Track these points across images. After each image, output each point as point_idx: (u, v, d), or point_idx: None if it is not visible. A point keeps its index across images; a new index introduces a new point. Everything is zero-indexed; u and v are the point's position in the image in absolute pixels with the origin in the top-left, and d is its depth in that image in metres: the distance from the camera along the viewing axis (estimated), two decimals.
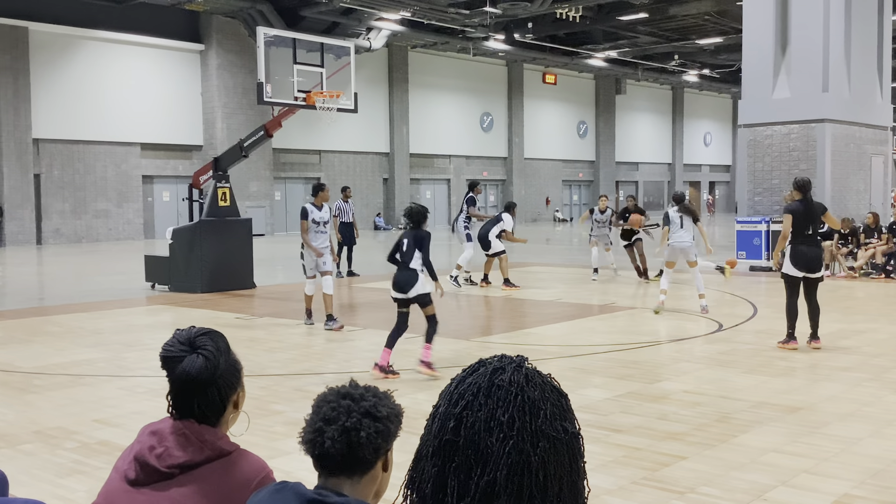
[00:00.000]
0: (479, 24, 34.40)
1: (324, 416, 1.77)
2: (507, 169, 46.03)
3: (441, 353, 9.03)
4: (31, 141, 28.94)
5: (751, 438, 5.74)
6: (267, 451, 5.12)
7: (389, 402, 1.84)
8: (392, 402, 1.85)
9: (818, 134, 18.48)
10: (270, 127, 15.10)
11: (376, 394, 1.83)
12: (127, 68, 31.46)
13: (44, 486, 4.86)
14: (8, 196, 28.41)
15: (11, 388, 7.49)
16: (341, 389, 1.82)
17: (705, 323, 10.88)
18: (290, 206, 36.78)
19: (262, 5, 30.80)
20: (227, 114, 33.30)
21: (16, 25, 28.39)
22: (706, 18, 36.32)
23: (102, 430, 6.12)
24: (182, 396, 2.24)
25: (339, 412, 1.76)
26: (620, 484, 4.85)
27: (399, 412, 1.85)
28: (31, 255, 25.40)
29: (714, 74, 50.36)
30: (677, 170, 57.33)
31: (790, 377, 7.68)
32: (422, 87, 41.21)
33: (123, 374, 8.08)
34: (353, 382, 1.86)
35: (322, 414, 1.78)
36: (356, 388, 1.83)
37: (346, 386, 1.84)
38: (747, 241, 18.30)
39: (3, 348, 9.51)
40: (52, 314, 12.30)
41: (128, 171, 31.76)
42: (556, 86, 48.14)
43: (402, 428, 1.85)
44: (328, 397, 1.81)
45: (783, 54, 19.08)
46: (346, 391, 1.81)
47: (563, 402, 1.24)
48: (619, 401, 6.80)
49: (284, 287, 15.55)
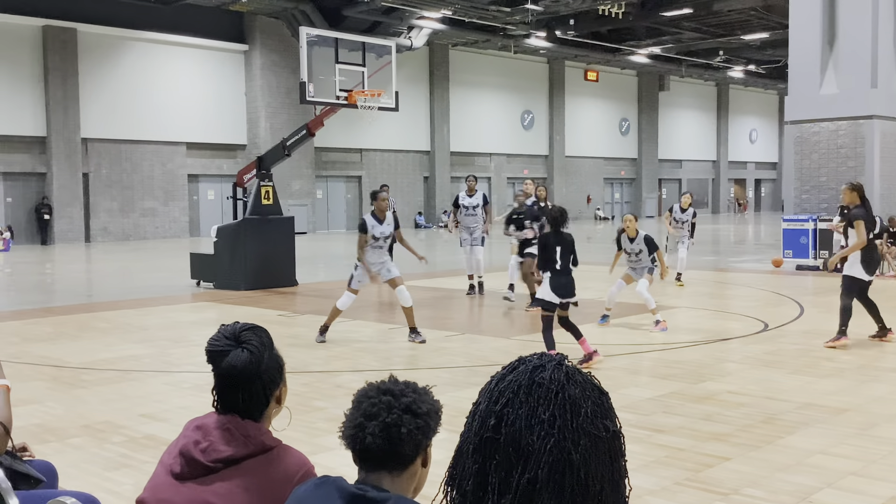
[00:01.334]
0: (521, 21, 34.28)
1: (364, 411, 1.79)
2: (549, 167, 45.83)
3: (481, 352, 9.04)
4: (80, 140, 29.50)
5: (797, 440, 5.65)
6: (308, 447, 5.16)
7: (429, 397, 1.85)
8: (431, 397, 1.86)
9: (866, 130, 18.13)
10: (313, 126, 15.21)
11: (416, 389, 1.84)
12: (173, 69, 31.92)
13: (92, 479, 4.96)
14: (57, 195, 29.00)
15: (61, 383, 7.65)
16: (381, 385, 1.83)
17: (751, 323, 10.73)
18: (331, 204, 37.03)
19: (304, 5, 31.04)
20: (270, 113, 33.62)
21: (65, 27, 28.96)
22: (752, 13, 35.78)
23: (149, 424, 6.22)
24: (227, 390, 2.27)
25: (379, 408, 1.77)
26: (663, 484, 4.80)
27: (438, 408, 1.86)
28: (79, 252, 25.91)
29: (760, 70, 49.62)
30: (722, 167, 56.60)
31: (837, 378, 7.55)
32: (463, 86, 41.19)
33: (169, 370, 8.21)
34: (393, 378, 1.87)
35: (363, 410, 1.79)
36: (396, 384, 1.84)
37: (385, 382, 1.85)
38: (794, 239, 18.01)
39: (53, 344, 9.72)
40: (101, 310, 12.53)
41: (174, 170, 32.23)
42: (597, 83, 47.81)
43: (441, 424, 1.86)
44: (369, 393, 1.82)
45: (831, 49, 18.74)
46: (386, 387, 1.82)
47: (604, 400, 1.23)
48: (662, 401, 6.74)
49: (326, 284, 15.66)
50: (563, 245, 8.00)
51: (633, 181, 51.31)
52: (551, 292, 7.96)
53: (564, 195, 45.84)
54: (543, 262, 8.04)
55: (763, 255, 20.58)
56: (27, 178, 28.99)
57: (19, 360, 8.58)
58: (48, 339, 10.08)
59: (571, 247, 8.06)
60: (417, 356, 8.97)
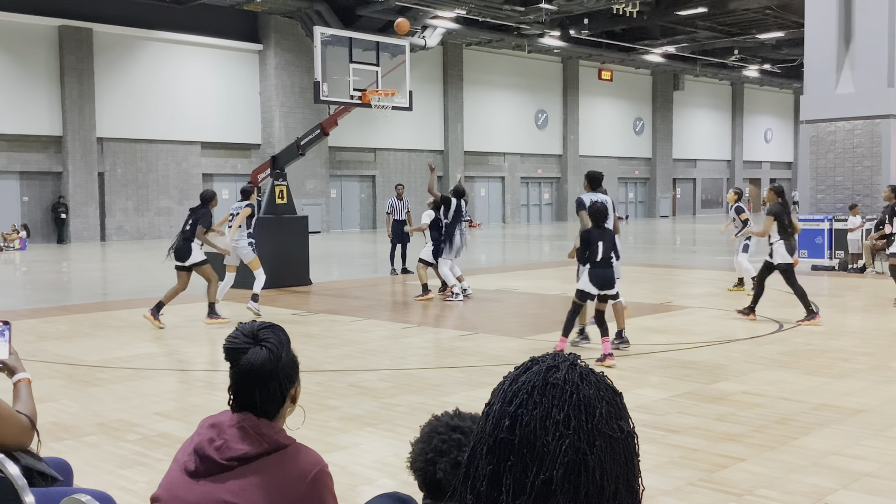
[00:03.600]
0: (535, 20, 34.24)
1: (435, 447, 1.85)
2: (562, 166, 45.76)
3: (494, 351, 9.03)
4: (96, 140, 29.67)
5: (812, 441, 5.62)
6: (322, 446, 5.17)
7: None
8: None
9: (883, 130, 18.01)
10: (327, 125, 15.25)
11: None
12: (188, 68, 32.07)
13: (106, 477, 4.99)
14: (73, 194, 29.18)
15: (76, 381, 7.70)
16: (451, 422, 1.89)
17: (766, 323, 10.68)
18: (345, 203, 37.08)
19: (319, 5, 31.11)
20: (284, 113, 33.72)
21: (80, 27, 29.13)
22: (767, 12, 35.60)
23: (163, 422, 6.25)
24: (244, 388, 2.29)
25: (450, 445, 1.84)
26: (677, 485, 4.79)
27: None
28: (95, 251, 26.06)
29: (775, 69, 49.36)
30: (737, 167, 56.35)
31: (852, 378, 7.50)
32: (476, 85, 41.17)
33: (184, 368, 8.25)
34: (459, 412, 1.91)
35: (433, 445, 1.86)
36: (464, 420, 1.90)
37: (454, 417, 1.91)
38: (809, 239, 17.89)
39: (68, 342, 9.78)
40: (116, 309, 12.60)
41: (188, 169, 32.38)
42: (612, 82, 47.69)
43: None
44: (438, 429, 1.89)
45: (847, 48, 18.62)
46: (455, 424, 1.88)
47: (618, 400, 1.23)
48: (676, 401, 6.72)
49: (340, 284, 15.69)
50: (605, 239, 8.27)
51: (647, 181, 51.15)
52: (589, 283, 8.30)
53: (578, 195, 45.68)
54: (585, 255, 8.32)
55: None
56: (43, 177, 29.19)
57: (35, 358, 8.64)
58: (64, 337, 10.15)
59: (613, 241, 8.36)
60: (431, 356, 8.98)
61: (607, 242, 8.29)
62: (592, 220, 8.39)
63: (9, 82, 27.99)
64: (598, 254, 8.25)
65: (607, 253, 8.28)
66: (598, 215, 8.32)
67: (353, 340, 9.75)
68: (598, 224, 8.33)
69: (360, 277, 17.16)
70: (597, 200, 8.81)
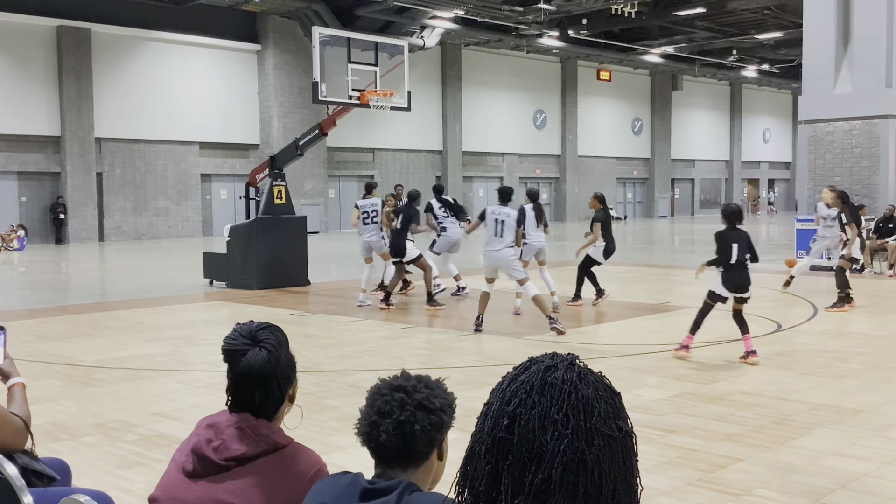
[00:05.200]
0: (533, 20, 34.24)
1: (378, 409, 1.80)
2: (561, 167, 45.76)
3: (493, 351, 9.04)
4: (94, 140, 29.65)
5: (809, 441, 5.62)
6: (321, 446, 5.17)
7: (442, 391, 1.86)
8: (444, 391, 1.87)
9: (881, 130, 18.02)
10: (325, 126, 15.24)
11: (429, 384, 1.85)
12: (186, 68, 32.05)
13: (104, 478, 4.98)
14: (71, 194, 29.16)
15: (74, 382, 7.69)
16: (394, 382, 1.84)
17: (763, 324, 10.69)
18: (343, 203, 37.06)
19: (317, 5, 31.10)
20: (283, 113, 33.71)
21: (79, 27, 29.11)
22: (765, 13, 35.63)
23: (161, 423, 6.25)
24: (243, 389, 2.29)
25: (392, 406, 1.79)
26: (675, 485, 4.79)
27: (452, 401, 1.87)
28: (93, 251, 26.04)
29: (773, 70, 49.39)
30: (735, 167, 56.37)
31: (850, 379, 7.51)
32: (475, 85, 41.17)
33: (182, 369, 8.24)
34: (406, 373, 1.88)
35: (376, 407, 1.81)
36: (408, 380, 1.85)
37: (398, 377, 1.86)
38: (807, 240, 17.87)
39: (66, 342, 9.78)
40: (114, 309, 12.60)
41: (187, 169, 32.35)
42: (610, 82, 47.70)
43: (455, 416, 1.87)
44: (381, 390, 1.83)
45: (845, 49, 18.64)
46: (398, 384, 1.83)
47: (616, 400, 1.23)
48: (675, 401, 6.72)
49: (338, 284, 15.69)
50: (741, 241, 8.23)
51: (645, 181, 51.16)
52: (722, 286, 8.36)
53: (577, 195, 45.77)
54: (720, 257, 8.30)
55: (776, 255, 20.46)
56: (41, 177, 29.16)
57: (33, 358, 8.63)
58: (62, 337, 10.14)
59: (748, 242, 8.29)
60: (429, 356, 8.98)
61: (742, 244, 8.18)
62: (727, 222, 8.33)
63: (7, 82, 27.97)
64: (733, 256, 8.17)
65: (742, 255, 8.19)
66: (732, 216, 8.27)
67: (352, 341, 9.75)
68: (732, 225, 8.26)
69: (358, 278, 17.14)
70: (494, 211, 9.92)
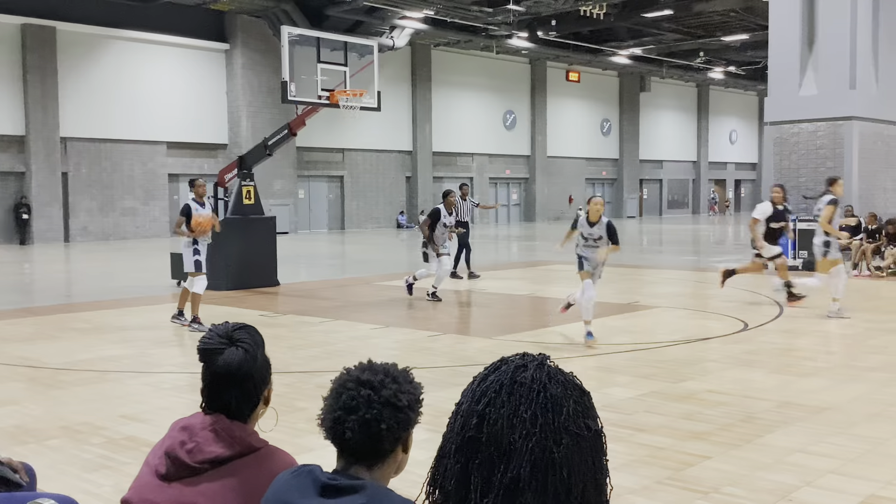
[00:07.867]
0: (503, 21, 34.34)
1: (343, 404, 1.74)
2: (530, 167, 45.92)
3: (465, 352, 9.05)
4: (59, 139, 29.25)
5: (776, 438, 5.69)
6: (290, 447, 5.12)
7: (410, 386, 1.80)
8: (412, 384, 1.82)
9: (845, 131, 18.29)
10: (294, 126, 15.17)
11: (396, 378, 1.79)
12: (153, 67, 31.72)
13: (70, 481, 4.92)
14: (36, 194, 28.74)
15: (39, 384, 7.59)
16: (361, 375, 1.78)
17: (730, 322, 10.80)
18: (313, 204, 36.91)
19: (286, 4, 30.94)
20: (251, 113, 33.49)
21: (43, 25, 28.71)
22: (732, 15, 36.02)
23: (129, 425, 6.18)
24: (219, 389, 2.26)
25: (359, 402, 1.73)
26: (644, 483, 4.83)
27: (419, 394, 1.83)
28: (59, 252, 25.69)
29: (740, 72, 49.94)
30: (702, 168, 56.93)
31: (816, 377, 7.62)
32: (445, 86, 41.19)
33: (149, 371, 8.16)
34: (372, 365, 1.83)
35: (341, 402, 1.75)
36: (375, 374, 1.78)
37: (365, 371, 1.79)
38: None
39: (31, 344, 9.63)
40: (80, 311, 12.43)
41: (154, 169, 32.03)
42: (579, 84, 47.95)
43: (422, 410, 1.84)
44: (347, 383, 1.77)
45: (810, 51, 18.89)
46: (366, 378, 1.77)
47: (586, 399, 1.24)
48: (643, 400, 6.77)
49: (308, 284, 15.62)
50: None
51: (614, 181, 51.49)
52: None
53: (546, 196, 45.95)
54: None
55: (742, 255, 20.68)
56: (5, 177, 28.71)
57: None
58: (26, 339, 9.99)
59: None
60: (400, 357, 8.95)
61: None
62: None
63: None
64: None
65: None
66: None
67: (321, 342, 9.71)
68: None
69: (328, 278, 17.10)
70: None
